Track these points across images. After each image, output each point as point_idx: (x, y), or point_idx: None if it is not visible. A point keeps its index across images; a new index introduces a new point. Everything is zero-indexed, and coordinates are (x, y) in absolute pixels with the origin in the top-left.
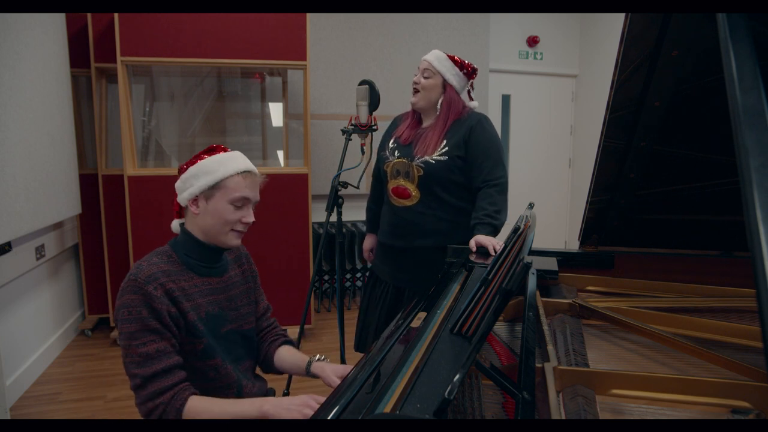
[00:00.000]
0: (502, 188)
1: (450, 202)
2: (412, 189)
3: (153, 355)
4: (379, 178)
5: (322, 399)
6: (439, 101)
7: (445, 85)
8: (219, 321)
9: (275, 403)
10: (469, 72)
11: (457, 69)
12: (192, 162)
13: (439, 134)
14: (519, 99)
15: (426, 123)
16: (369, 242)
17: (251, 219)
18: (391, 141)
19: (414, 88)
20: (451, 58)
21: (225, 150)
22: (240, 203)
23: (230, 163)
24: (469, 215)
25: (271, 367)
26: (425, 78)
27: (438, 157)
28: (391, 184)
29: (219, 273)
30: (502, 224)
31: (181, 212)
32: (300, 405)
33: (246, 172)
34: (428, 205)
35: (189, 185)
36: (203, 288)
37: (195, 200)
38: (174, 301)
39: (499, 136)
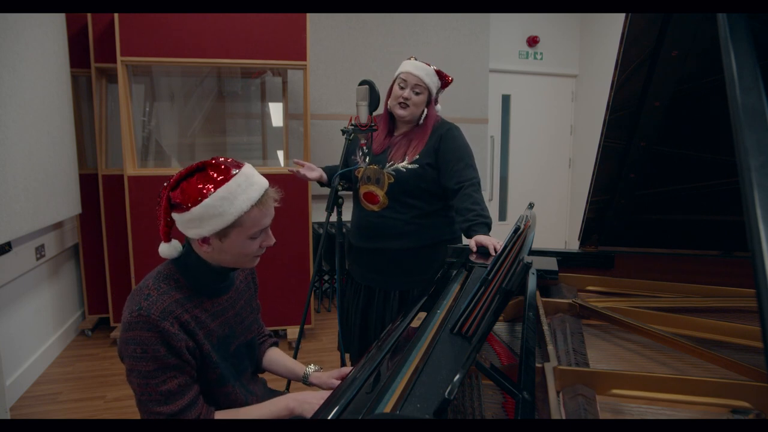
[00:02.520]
0: (478, 188)
1: (417, 206)
2: (381, 195)
3: (176, 392)
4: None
5: None
6: (423, 114)
7: (430, 98)
8: (228, 341)
9: (301, 400)
10: (445, 84)
11: (439, 82)
12: (188, 196)
13: (422, 146)
14: (519, 99)
15: (399, 131)
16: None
17: (272, 241)
18: (365, 149)
19: (403, 103)
20: (437, 72)
21: (220, 170)
22: (259, 234)
23: (241, 196)
24: (436, 217)
25: (257, 367)
26: (417, 94)
27: (409, 166)
28: (362, 190)
29: (227, 289)
30: (491, 221)
31: (169, 235)
32: (322, 400)
33: (261, 200)
34: (395, 210)
35: (194, 226)
36: (213, 311)
37: (205, 239)
38: (190, 333)
39: (468, 144)
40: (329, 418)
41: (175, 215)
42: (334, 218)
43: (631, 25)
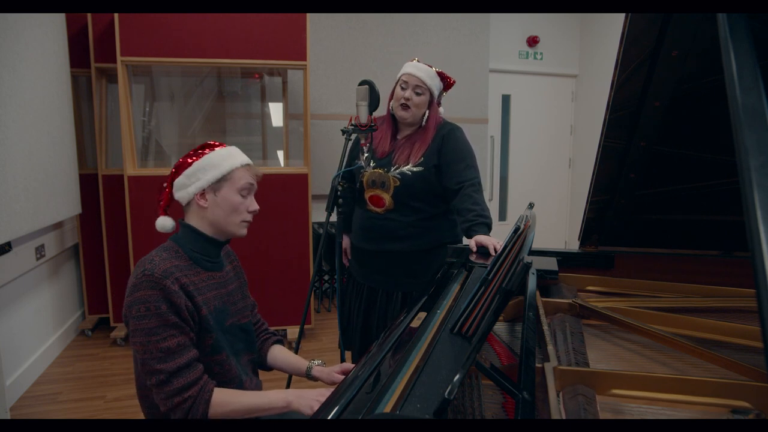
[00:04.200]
0: (479, 188)
1: (422, 209)
2: (387, 198)
3: (174, 350)
4: (352, 180)
5: None
6: (425, 116)
7: (432, 100)
8: (223, 315)
9: (298, 395)
10: (448, 85)
11: (441, 84)
12: (191, 157)
13: (425, 148)
14: (519, 99)
15: (403, 133)
16: (346, 242)
17: (256, 207)
18: (366, 149)
19: (405, 104)
20: (439, 74)
21: (221, 145)
22: (246, 191)
23: (234, 157)
24: (440, 220)
25: (263, 365)
26: (417, 95)
27: (414, 169)
28: (368, 193)
29: (219, 268)
30: (491, 221)
31: (167, 209)
32: (319, 396)
33: (247, 165)
34: (401, 213)
35: (195, 179)
36: (209, 282)
37: (203, 193)
38: (189, 295)
39: (470, 144)
40: (329, 418)
41: (178, 180)
42: (334, 218)
43: (631, 25)
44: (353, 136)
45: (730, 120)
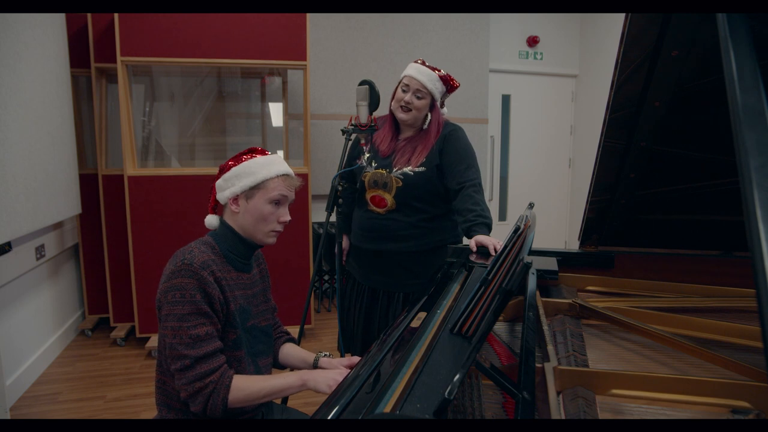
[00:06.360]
0: (479, 189)
1: (424, 209)
2: (388, 199)
3: (203, 338)
4: (352, 180)
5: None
6: (427, 119)
7: (434, 103)
8: (246, 315)
9: (313, 374)
10: (452, 89)
11: (444, 87)
12: (234, 162)
13: (426, 152)
14: (519, 99)
15: (404, 134)
16: (346, 243)
17: (287, 218)
18: (368, 149)
19: (405, 107)
20: (442, 78)
21: (264, 153)
22: (277, 201)
23: (272, 166)
24: (441, 221)
25: (275, 363)
26: (418, 98)
27: (417, 169)
28: (370, 194)
29: (248, 269)
30: (492, 222)
31: (216, 208)
32: (338, 375)
33: (285, 175)
34: (403, 213)
35: (231, 184)
36: (238, 281)
37: (236, 199)
38: (221, 289)
39: (471, 145)
40: (329, 418)
41: (218, 182)
42: (334, 218)
43: (631, 25)
44: (353, 136)
45: (730, 120)
